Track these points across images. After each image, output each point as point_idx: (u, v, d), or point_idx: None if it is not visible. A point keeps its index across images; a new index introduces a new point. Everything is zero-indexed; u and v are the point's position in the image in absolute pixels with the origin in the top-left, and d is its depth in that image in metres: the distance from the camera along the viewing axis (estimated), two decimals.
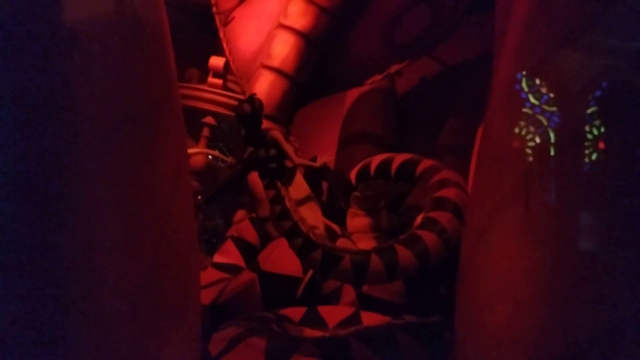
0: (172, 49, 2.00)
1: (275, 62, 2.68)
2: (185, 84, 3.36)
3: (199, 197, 3.36)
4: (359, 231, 2.97)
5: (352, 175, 3.16)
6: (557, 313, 1.55)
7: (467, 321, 1.73)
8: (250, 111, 2.22)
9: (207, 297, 2.60)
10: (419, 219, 2.62)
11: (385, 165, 2.92)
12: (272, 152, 2.34)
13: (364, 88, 3.31)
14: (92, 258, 1.51)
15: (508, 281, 1.66)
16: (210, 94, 3.30)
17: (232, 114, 3.26)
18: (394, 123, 3.60)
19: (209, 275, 2.72)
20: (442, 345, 2.25)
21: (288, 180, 2.41)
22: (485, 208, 1.88)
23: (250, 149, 2.41)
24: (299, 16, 2.65)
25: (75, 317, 1.52)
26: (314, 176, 2.81)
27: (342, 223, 3.11)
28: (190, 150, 2.93)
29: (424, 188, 2.76)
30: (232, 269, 2.78)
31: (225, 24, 2.79)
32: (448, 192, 2.63)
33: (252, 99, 2.32)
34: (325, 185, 3.61)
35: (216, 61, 3.20)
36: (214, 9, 2.78)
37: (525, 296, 1.60)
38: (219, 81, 3.27)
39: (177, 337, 1.79)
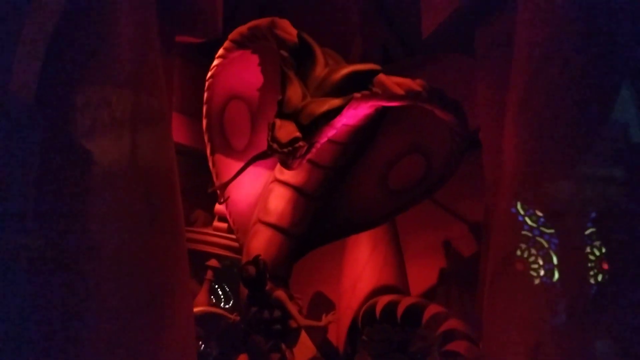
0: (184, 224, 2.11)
1: (272, 218, 2.72)
2: (191, 228, 3.47)
3: (200, 342, 3.32)
4: None
5: (358, 317, 3.12)
6: None
7: None
8: (255, 274, 2.28)
9: None
10: None
11: (390, 309, 2.90)
12: (277, 313, 2.35)
13: (365, 234, 3.33)
14: None
15: None
16: (215, 238, 3.40)
17: (236, 256, 3.33)
18: (400, 264, 3.62)
19: None
20: None
21: (293, 340, 2.41)
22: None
23: (254, 308, 2.43)
24: (294, 171, 2.66)
25: None
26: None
27: None
28: (196, 309, 2.92)
29: (432, 335, 2.73)
30: None
31: (223, 201, 2.88)
32: (457, 346, 2.58)
33: (257, 261, 2.37)
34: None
35: (221, 206, 3.32)
36: (215, 182, 2.87)
37: None
38: (224, 225, 3.37)
39: None
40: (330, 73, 2.26)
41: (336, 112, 2.22)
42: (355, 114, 2.43)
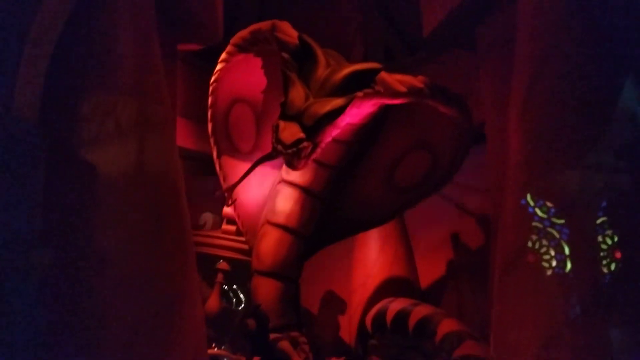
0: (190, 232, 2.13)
1: (280, 219, 2.74)
2: (200, 232, 3.47)
3: (213, 345, 3.35)
4: None
5: (368, 321, 3.13)
6: None
7: None
8: (255, 327, 2.26)
9: None
10: None
11: (402, 320, 2.89)
12: None
13: (374, 232, 3.33)
14: None
15: None
16: (224, 241, 3.40)
17: (246, 258, 3.35)
18: (409, 260, 3.63)
19: None
20: None
21: None
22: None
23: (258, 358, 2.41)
24: (301, 172, 2.68)
25: None
26: None
27: None
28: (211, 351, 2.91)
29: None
30: None
31: (231, 203, 2.89)
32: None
33: (257, 312, 2.35)
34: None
35: (229, 209, 3.32)
36: (222, 185, 2.88)
37: None
38: (233, 228, 3.37)
39: None
40: (332, 73, 2.26)
41: (339, 111, 2.22)
42: (358, 112, 2.44)
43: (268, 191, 2.86)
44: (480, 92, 2.97)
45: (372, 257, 3.62)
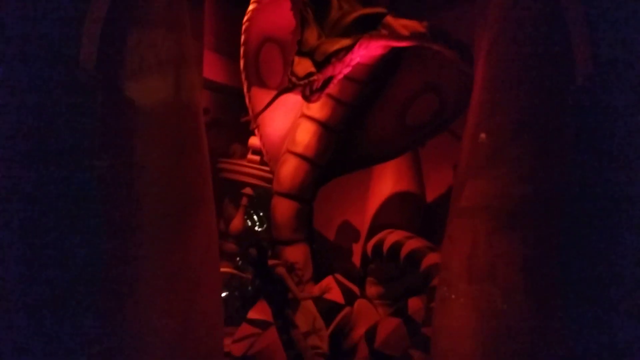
0: (208, 147, 2.49)
1: (299, 148, 3.07)
2: (229, 160, 3.84)
3: (237, 258, 3.78)
4: (373, 298, 3.29)
5: (369, 247, 3.47)
6: None
7: None
8: (256, 255, 2.62)
9: (239, 349, 2.94)
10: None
11: (395, 250, 3.22)
12: (279, 287, 2.66)
13: (390, 169, 3.59)
14: (138, 311, 2.07)
15: (456, 338, 2.06)
16: (249, 169, 3.76)
17: (269, 185, 3.70)
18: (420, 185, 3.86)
19: (242, 330, 3.04)
20: None
21: (294, 310, 2.72)
22: (444, 283, 2.25)
23: (259, 281, 2.74)
24: (319, 107, 3.02)
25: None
26: None
27: (363, 287, 3.43)
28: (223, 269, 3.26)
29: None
30: (262, 325, 3.10)
31: (254, 127, 3.22)
32: None
33: (258, 244, 2.70)
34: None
35: (255, 140, 3.63)
36: (250, 112, 3.18)
37: (468, 350, 2.00)
38: (257, 157, 3.73)
39: None
40: (343, 16, 2.52)
41: (346, 50, 2.50)
42: (367, 53, 2.70)
43: (290, 124, 3.17)
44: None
45: (385, 191, 3.88)
